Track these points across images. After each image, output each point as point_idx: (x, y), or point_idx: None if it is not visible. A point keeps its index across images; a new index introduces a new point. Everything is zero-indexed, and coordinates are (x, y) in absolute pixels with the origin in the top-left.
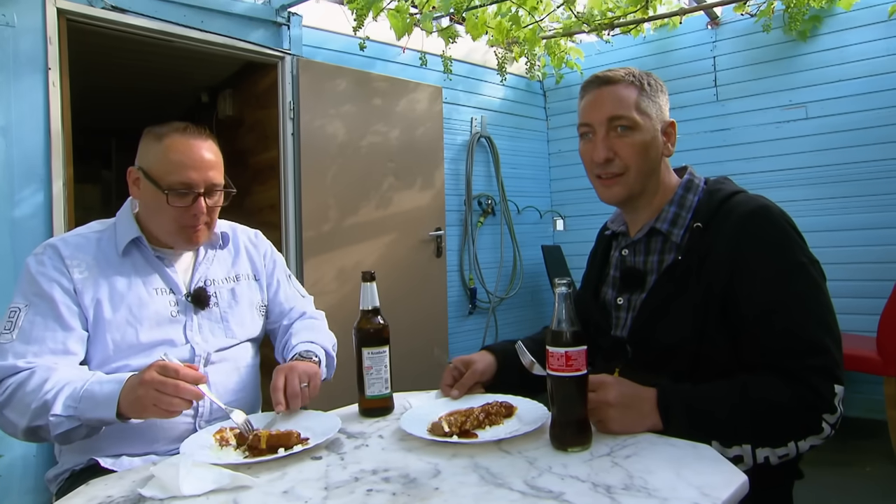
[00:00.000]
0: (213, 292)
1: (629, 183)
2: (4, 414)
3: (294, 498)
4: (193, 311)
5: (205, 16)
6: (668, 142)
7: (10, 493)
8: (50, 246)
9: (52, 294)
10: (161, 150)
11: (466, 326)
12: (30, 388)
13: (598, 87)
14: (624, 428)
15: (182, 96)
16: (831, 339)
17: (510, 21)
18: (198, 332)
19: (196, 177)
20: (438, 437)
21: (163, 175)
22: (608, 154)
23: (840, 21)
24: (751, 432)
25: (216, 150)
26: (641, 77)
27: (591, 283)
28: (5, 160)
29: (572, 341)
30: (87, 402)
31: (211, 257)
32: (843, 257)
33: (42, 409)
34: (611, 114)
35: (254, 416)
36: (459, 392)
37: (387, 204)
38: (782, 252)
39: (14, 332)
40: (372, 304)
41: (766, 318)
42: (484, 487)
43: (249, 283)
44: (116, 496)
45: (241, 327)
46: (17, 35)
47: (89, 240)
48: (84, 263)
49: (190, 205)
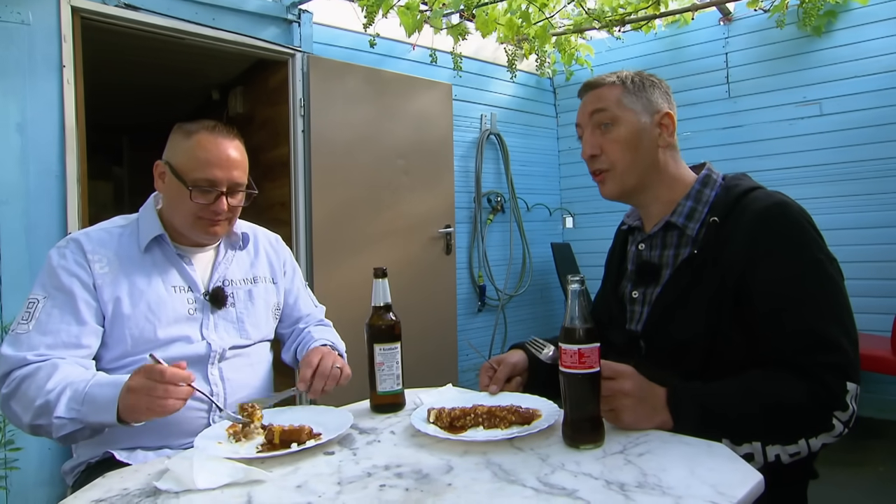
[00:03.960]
0: (230, 292)
1: (618, 178)
2: (11, 406)
3: (308, 492)
4: (210, 310)
5: (216, 13)
6: (663, 133)
7: (25, 485)
8: (73, 240)
9: (72, 287)
10: (189, 147)
11: (476, 324)
12: (35, 383)
13: (585, 92)
14: (635, 421)
15: (193, 93)
16: (846, 337)
17: (520, 18)
18: (213, 331)
19: (220, 175)
20: (442, 429)
21: (188, 171)
22: (593, 150)
23: (856, 16)
24: (761, 430)
25: (242, 150)
26: (626, 77)
27: (611, 279)
28: (21, 156)
29: (585, 338)
30: (90, 405)
31: (230, 258)
32: (858, 256)
33: (44, 409)
34: (591, 109)
35: (267, 396)
36: (497, 387)
37: (396, 201)
38: (799, 248)
39: (31, 322)
40: (384, 300)
41: (779, 313)
42: (497, 484)
43: (266, 286)
44: (132, 489)
45: (255, 329)
46: (33, 33)
47: (112, 234)
48: (105, 258)
49: (212, 202)
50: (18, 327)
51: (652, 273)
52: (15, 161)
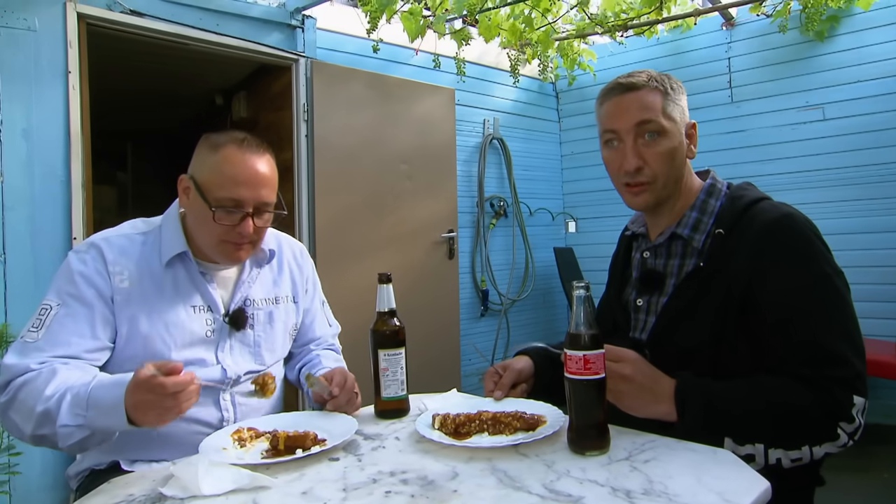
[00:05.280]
0: (251, 313)
1: (657, 191)
2: (10, 416)
3: (313, 499)
4: (228, 332)
5: (220, 19)
6: (690, 144)
7: (28, 490)
8: (94, 246)
9: (89, 298)
10: (215, 162)
11: (479, 328)
12: (33, 390)
13: (622, 94)
14: (635, 406)
15: (196, 98)
16: (853, 351)
17: (523, 23)
18: (229, 354)
19: (247, 194)
20: (446, 435)
21: (213, 188)
22: (638, 163)
23: (858, 21)
24: (765, 432)
25: (272, 165)
26: (663, 80)
27: (615, 285)
28: (27, 162)
29: (590, 344)
30: (95, 409)
31: (254, 276)
32: (862, 260)
33: (46, 418)
34: (638, 119)
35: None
36: (502, 393)
37: (399, 206)
38: (805, 262)
39: (41, 331)
40: (388, 305)
41: (786, 326)
42: (502, 490)
43: (287, 306)
44: (138, 495)
45: (270, 353)
46: (39, 40)
47: (134, 242)
48: (126, 271)
49: (237, 224)
50: (27, 335)
51: (656, 282)
52: (21, 166)
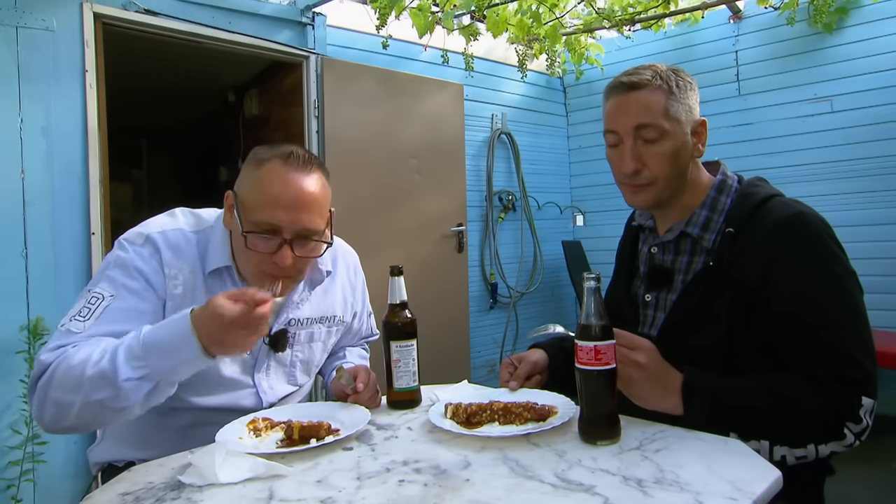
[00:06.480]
0: (292, 333)
1: (658, 191)
2: (51, 396)
3: (328, 487)
4: (267, 352)
5: (232, 17)
6: (698, 142)
7: (52, 478)
8: (150, 241)
9: (145, 296)
10: (257, 179)
11: (488, 321)
12: (76, 360)
13: (623, 93)
14: (642, 395)
15: (209, 95)
16: (863, 352)
17: (531, 18)
18: (265, 375)
19: (285, 218)
20: (458, 424)
21: (250, 209)
22: (636, 165)
23: (867, 13)
24: (771, 429)
25: (322, 185)
26: (669, 77)
27: (623, 277)
28: (46, 159)
29: (601, 335)
30: (156, 354)
31: (305, 297)
32: (870, 252)
33: (101, 379)
34: (637, 122)
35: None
36: (517, 383)
37: (409, 200)
38: (817, 262)
39: (89, 320)
40: (400, 297)
41: (796, 326)
42: (514, 479)
43: (330, 329)
44: (157, 482)
45: (305, 374)
46: (57, 40)
47: (189, 242)
48: (181, 276)
49: (273, 251)
50: (72, 323)
51: (665, 278)
52: (41, 163)
